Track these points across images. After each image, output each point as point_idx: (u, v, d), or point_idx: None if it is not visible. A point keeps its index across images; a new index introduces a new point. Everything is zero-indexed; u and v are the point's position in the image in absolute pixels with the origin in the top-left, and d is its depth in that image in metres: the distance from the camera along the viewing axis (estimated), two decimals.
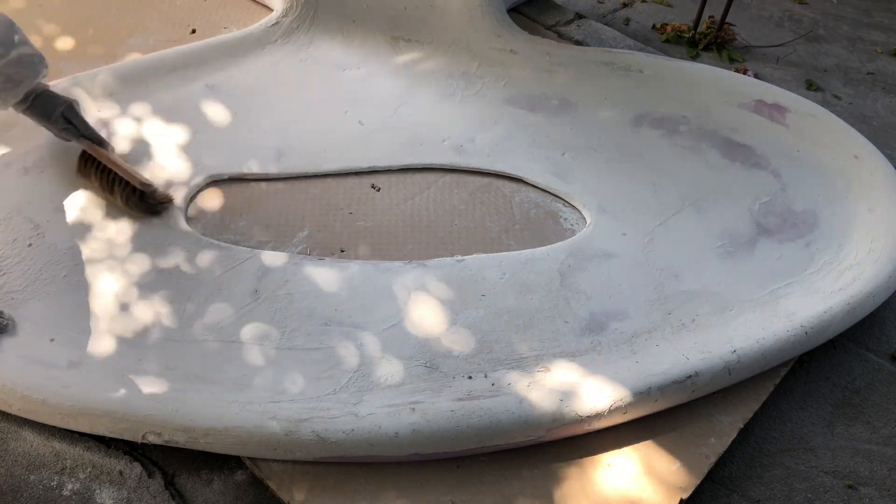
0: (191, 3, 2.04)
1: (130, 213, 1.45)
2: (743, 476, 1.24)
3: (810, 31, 2.32)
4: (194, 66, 1.79)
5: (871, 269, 1.41)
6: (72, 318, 1.28)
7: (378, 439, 1.12)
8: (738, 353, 1.27)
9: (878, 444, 1.30)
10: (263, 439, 1.11)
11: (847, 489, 1.24)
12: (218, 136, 1.64)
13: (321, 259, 1.42)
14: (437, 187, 1.61)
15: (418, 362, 1.27)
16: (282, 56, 1.87)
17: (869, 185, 1.59)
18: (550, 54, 1.90)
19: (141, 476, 1.16)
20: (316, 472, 1.14)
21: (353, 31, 1.96)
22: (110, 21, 1.95)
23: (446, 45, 1.93)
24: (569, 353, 1.30)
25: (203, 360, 1.24)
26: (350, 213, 1.54)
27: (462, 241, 1.50)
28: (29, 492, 1.14)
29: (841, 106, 2.01)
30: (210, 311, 1.31)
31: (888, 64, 2.20)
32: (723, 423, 1.25)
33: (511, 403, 1.17)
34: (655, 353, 1.29)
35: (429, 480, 1.15)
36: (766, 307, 1.38)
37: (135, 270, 1.36)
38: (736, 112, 1.78)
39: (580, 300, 1.39)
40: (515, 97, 1.81)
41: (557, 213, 1.57)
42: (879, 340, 1.45)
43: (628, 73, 1.86)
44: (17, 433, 1.20)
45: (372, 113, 1.74)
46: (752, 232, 1.53)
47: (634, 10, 2.36)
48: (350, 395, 1.21)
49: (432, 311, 1.35)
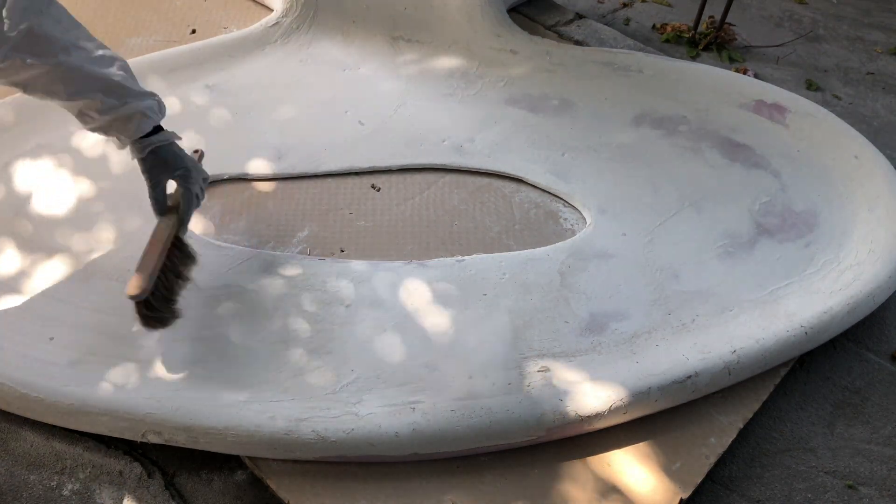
0: (191, 3, 2.04)
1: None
2: (743, 476, 1.24)
3: (810, 31, 2.32)
4: (194, 66, 1.79)
5: (871, 269, 1.41)
6: (71, 317, 1.28)
7: (378, 439, 1.12)
8: (738, 353, 1.27)
9: (878, 444, 1.30)
10: (263, 439, 1.11)
11: (847, 489, 1.24)
12: (218, 136, 1.64)
13: (321, 259, 1.42)
14: (437, 187, 1.61)
15: (418, 362, 1.27)
16: (282, 56, 1.87)
17: (869, 185, 1.58)
18: (550, 54, 1.90)
19: (141, 476, 1.16)
20: (316, 472, 1.14)
21: (353, 31, 1.96)
22: (110, 21, 1.95)
23: (446, 45, 1.93)
24: (569, 353, 1.30)
25: (203, 360, 1.24)
26: (350, 213, 1.54)
27: (462, 241, 1.50)
28: (29, 492, 1.14)
29: (841, 106, 2.01)
30: (209, 311, 1.31)
31: (888, 64, 2.20)
32: (723, 423, 1.25)
33: (511, 403, 1.17)
34: (655, 353, 1.29)
35: (429, 480, 1.15)
36: (766, 307, 1.38)
37: (134, 270, 1.36)
38: (736, 112, 1.78)
39: (580, 300, 1.39)
40: (515, 97, 1.81)
41: (557, 213, 1.57)
42: (879, 340, 1.45)
43: (628, 73, 1.86)
44: (17, 433, 1.20)
45: (372, 113, 1.74)
46: (752, 232, 1.53)
47: (634, 10, 2.36)
48: (350, 394, 1.21)
49: (432, 312, 1.35)
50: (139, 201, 1.48)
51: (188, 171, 1.24)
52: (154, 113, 1.19)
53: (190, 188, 1.25)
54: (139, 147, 1.19)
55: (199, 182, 1.28)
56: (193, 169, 1.26)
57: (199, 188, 1.28)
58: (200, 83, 1.76)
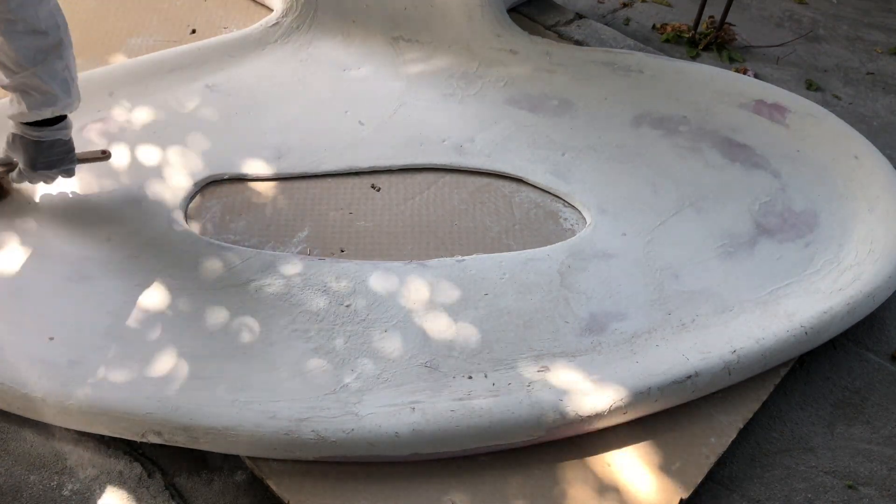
0: (191, 3, 2.04)
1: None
2: (743, 476, 1.24)
3: (810, 31, 2.32)
4: (194, 66, 1.79)
5: (871, 269, 1.41)
6: (72, 317, 1.28)
7: (378, 439, 1.12)
8: (738, 353, 1.27)
9: (878, 444, 1.30)
10: (263, 439, 1.11)
11: (847, 489, 1.24)
12: (218, 136, 1.64)
13: (321, 259, 1.42)
14: (437, 187, 1.61)
15: (418, 362, 1.27)
16: (282, 56, 1.87)
17: (869, 185, 1.59)
18: (550, 54, 1.90)
19: (141, 476, 1.16)
20: (316, 472, 1.14)
21: (353, 31, 1.96)
22: (110, 21, 1.95)
23: (446, 45, 1.93)
24: (569, 353, 1.30)
25: (203, 360, 1.24)
26: (350, 213, 1.54)
27: (462, 241, 1.50)
28: (29, 492, 1.14)
29: (841, 106, 2.01)
30: (209, 311, 1.31)
31: (888, 64, 2.20)
32: (723, 423, 1.25)
33: (511, 403, 1.17)
34: (655, 353, 1.29)
35: (429, 480, 1.15)
36: (766, 307, 1.38)
37: (134, 270, 1.36)
38: (736, 112, 1.78)
39: (580, 300, 1.39)
40: (515, 97, 1.81)
41: (557, 213, 1.57)
42: (879, 340, 1.45)
43: (628, 73, 1.86)
44: (17, 433, 1.20)
45: (372, 113, 1.74)
46: (752, 232, 1.53)
47: (634, 10, 2.36)
48: (350, 394, 1.21)
49: (432, 312, 1.35)
50: (140, 201, 1.49)
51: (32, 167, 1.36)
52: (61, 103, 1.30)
53: (22, 173, 1.38)
54: (23, 128, 1.32)
55: (29, 178, 1.39)
56: (37, 168, 1.37)
57: (27, 179, 1.39)
58: (200, 83, 1.76)
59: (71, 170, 1.42)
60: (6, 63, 1.24)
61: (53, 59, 1.26)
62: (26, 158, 1.35)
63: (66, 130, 1.36)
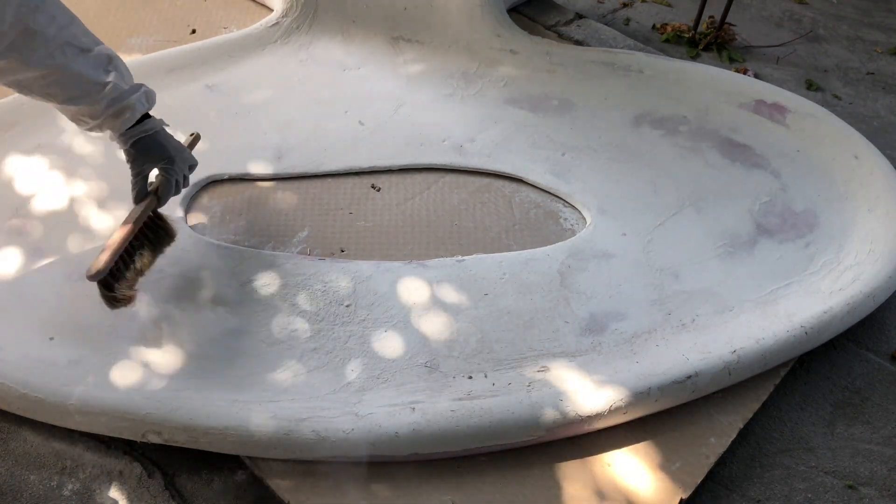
0: (191, 3, 2.04)
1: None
2: (743, 476, 1.24)
3: (810, 31, 2.32)
4: (194, 66, 1.79)
5: (870, 270, 1.41)
6: (71, 317, 1.28)
7: (378, 439, 1.12)
8: (738, 353, 1.27)
9: (878, 444, 1.30)
10: (263, 439, 1.11)
11: (847, 489, 1.24)
12: (218, 136, 1.64)
13: (321, 259, 1.42)
14: (437, 187, 1.61)
15: (418, 362, 1.27)
16: (282, 56, 1.87)
17: (869, 185, 1.59)
18: (550, 54, 1.90)
19: (141, 476, 1.16)
20: (316, 472, 1.14)
21: (353, 31, 1.96)
22: (110, 21, 1.95)
23: (446, 45, 1.93)
24: (569, 353, 1.30)
25: (203, 360, 1.24)
26: (350, 213, 1.54)
27: (462, 241, 1.50)
28: (29, 492, 1.14)
29: (841, 106, 2.01)
30: (209, 311, 1.31)
31: (888, 64, 2.20)
32: (723, 423, 1.25)
33: (511, 403, 1.17)
34: (655, 353, 1.29)
35: (429, 480, 1.15)
36: (766, 307, 1.38)
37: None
38: (736, 112, 1.78)
39: (580, 300, 1.39)
40: (515, 97, 1.81)
41: (557, 213, 1.57)
42: (879, 340, 1.45)
43: (628, 73, 1.86)
44: (17, 433, 1.20)
45: (372, 113, 1.74)
46: (752, 232, 1.53)
47: (634, 10, 2.36)
48: (350, 394, 1.21)
49: (432, 311, 1.35)
50: None
51: (171, 160, 1.26)
52: (141, 104, 1.20)
53: (169, 178, 1.27)
54: (123, 138, 1.21)
55: (182, 171, 1.29)
56: (178, 158, 1.27)
57: (182, 176, 1.30)
58: (200, 83, 1.76)
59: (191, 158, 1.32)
60: (88, 92, 1.13)
61: (116, 65, 1.18)
62: (159, 154, 1.23)
63: (157, 121, 1.25)
